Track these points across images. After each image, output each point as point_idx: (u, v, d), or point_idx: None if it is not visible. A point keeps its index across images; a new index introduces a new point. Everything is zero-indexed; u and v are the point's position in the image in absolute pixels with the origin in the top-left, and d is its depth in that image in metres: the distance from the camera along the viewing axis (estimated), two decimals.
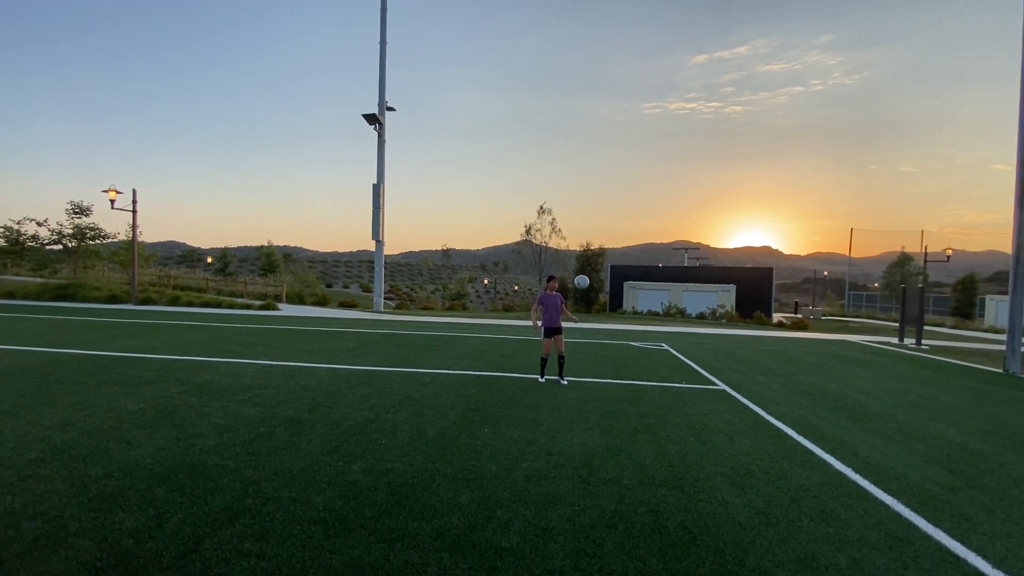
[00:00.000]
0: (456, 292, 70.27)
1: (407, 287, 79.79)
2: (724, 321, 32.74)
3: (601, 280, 48.11)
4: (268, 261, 56.22)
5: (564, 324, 7.50)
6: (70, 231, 30.23)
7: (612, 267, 48.49)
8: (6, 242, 30.41)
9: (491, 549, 2.74)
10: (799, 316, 42.61)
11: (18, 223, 30.53)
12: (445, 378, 7.51)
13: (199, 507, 3.09)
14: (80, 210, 30.14)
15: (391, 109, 26.87)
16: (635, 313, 38.58)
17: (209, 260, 65.88)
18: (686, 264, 60.08)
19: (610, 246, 51.86)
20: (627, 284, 45.44)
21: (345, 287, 68.33)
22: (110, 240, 32.26)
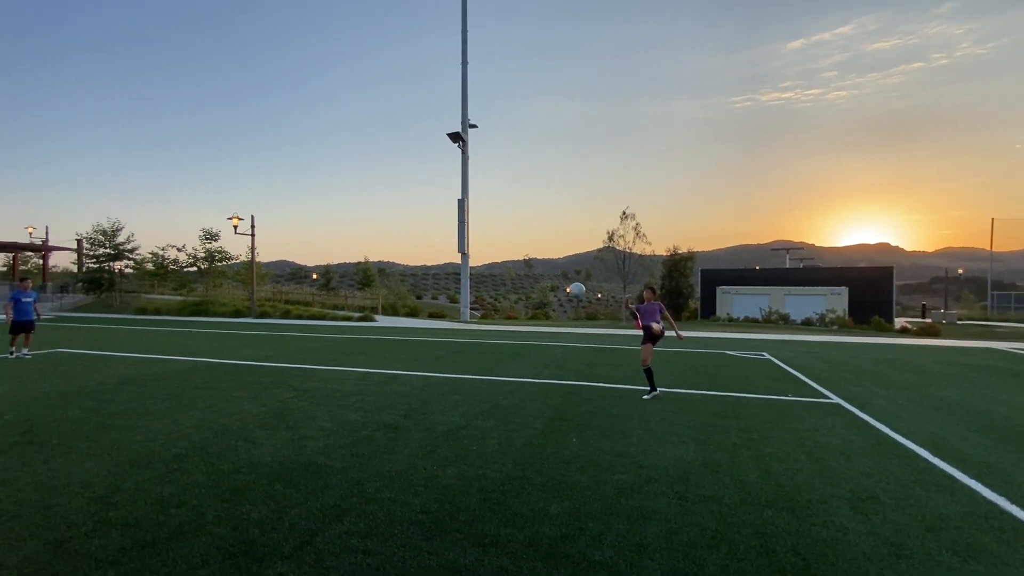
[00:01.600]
0: (539, 301, 70.66)
1: (491, 297, 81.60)
2: (835, 328, 29.76)
3: (691, 285, 45.85)
4: (365, 276, 60.34)
5: (668, 334, 7.30)
6: (202, 255, 34.63)
7: (703, 271, 46.11)
8: (154, 266, 35.45)
9: (584, 561, 2.70)
10: (928, 321, 37.63)
11: (163, 249, 35.55)
12: (530, 386, 7.56)
13: (312, 503, 3.36)
14: (210, 236, 34.45)
15: (474, 126, 27.84)
16: (730, 320, 36.30)
17: (314, 276, 72.10)
18: (788, 266, 55.59)
19: (699, 249, 49.37)
20: (720, 289, 42.95)
21: (434, 298, 71.41)
22: (233, 261, 36.49)
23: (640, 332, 7.08)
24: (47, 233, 37.32)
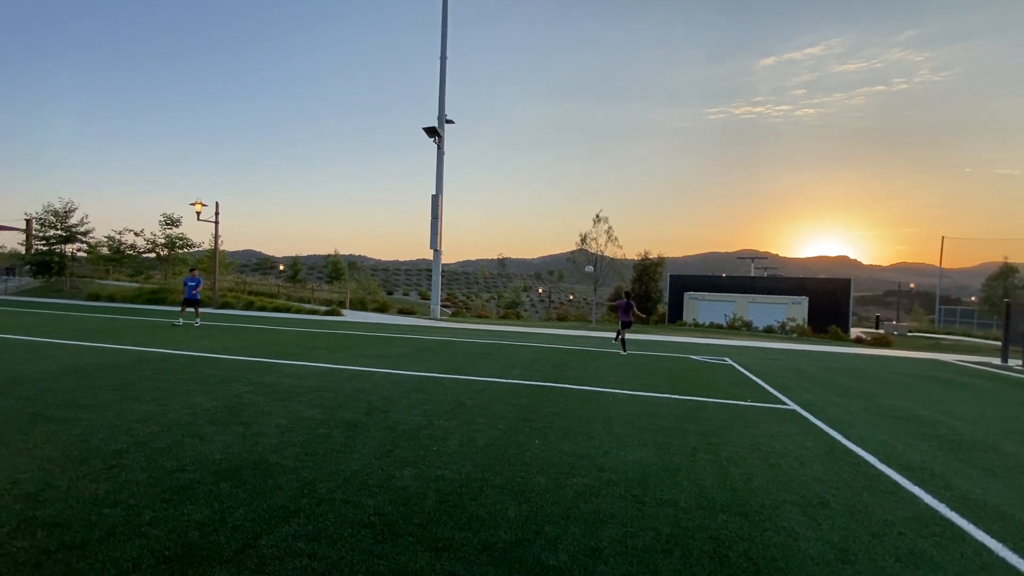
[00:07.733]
0: (511, 301, 70.71)
1: (463, 295, 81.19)
2: (795, 336, 30.81)
3: (660, 290, 46.73)
4: (334, 269, 59.14)
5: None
6: (162, 241, 33.25)
7: (671, 277, 47.01)
8: (109, 250, 33.85)
9: (538, 566, 2.65)
10: (881, 332, 39.36)
11: (119, 233, 33.96)
12: (498, 387, 7.50)
13: (259, 504, 3.21)
14: (171, 222, 33.12)
15: (450, 122, 27.58)
16: (696, 325, 37.13)
17: (281, 268, 70.19)
18: (752, 274, 57.24)
19: (670, 255, 50.48)
20: (688, 295, 43.88)
21: (405, 294, 70.54)
22: (196, 249, 35.16)
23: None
24: None
